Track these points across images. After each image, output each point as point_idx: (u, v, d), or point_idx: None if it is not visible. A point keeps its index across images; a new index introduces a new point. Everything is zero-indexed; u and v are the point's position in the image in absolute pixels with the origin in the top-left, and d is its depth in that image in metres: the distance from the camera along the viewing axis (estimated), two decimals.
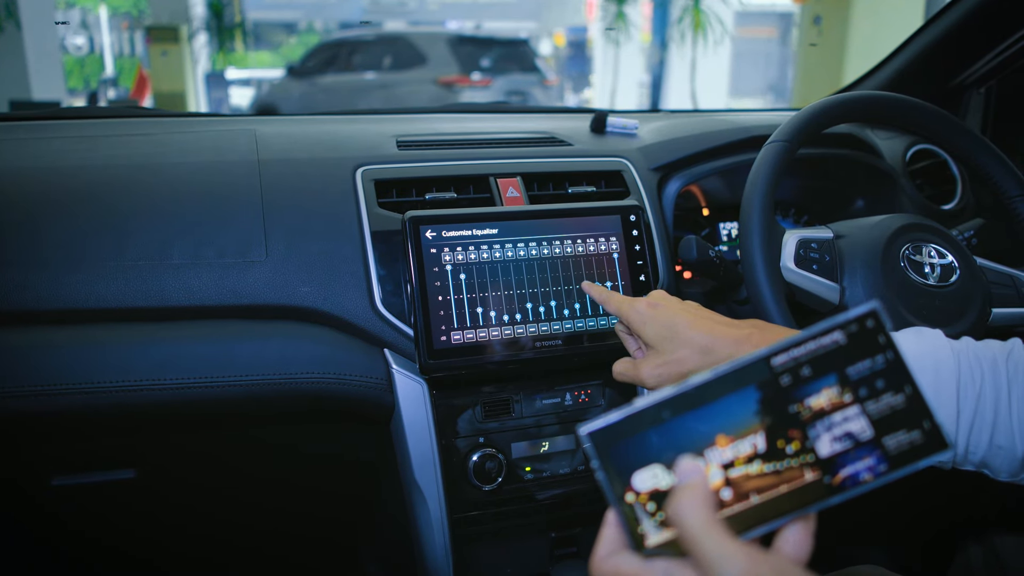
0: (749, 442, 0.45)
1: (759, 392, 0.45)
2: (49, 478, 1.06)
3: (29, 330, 0.91)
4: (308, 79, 9.04)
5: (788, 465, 0.45)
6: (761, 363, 0.46)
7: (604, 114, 1.30)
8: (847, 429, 0.45)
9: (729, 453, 0.45)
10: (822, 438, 0.45)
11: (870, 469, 0.45)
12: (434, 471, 1.00)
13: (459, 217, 0.98)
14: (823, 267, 0.95)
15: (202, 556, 1.38)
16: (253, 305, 0.97)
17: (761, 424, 0.45)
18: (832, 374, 0.46)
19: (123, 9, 16.64)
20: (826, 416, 0.45)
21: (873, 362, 0.46)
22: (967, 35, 1.36)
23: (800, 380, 0.46)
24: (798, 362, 0.46)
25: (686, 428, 0.45)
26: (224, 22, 11.32)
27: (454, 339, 0.94)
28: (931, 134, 1.07)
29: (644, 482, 0.45)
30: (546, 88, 9.12)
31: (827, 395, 0.46)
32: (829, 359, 0.46)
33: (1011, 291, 0.99)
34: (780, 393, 0.45)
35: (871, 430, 0.45)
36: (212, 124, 1.23)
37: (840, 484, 0.45)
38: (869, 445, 0.45)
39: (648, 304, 0.79)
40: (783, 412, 0.45)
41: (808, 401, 0.46)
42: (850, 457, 0.45)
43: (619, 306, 0.82)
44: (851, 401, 0.46)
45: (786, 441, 0.45)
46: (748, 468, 0.45)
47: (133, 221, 0.96)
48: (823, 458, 0.45)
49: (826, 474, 0.45)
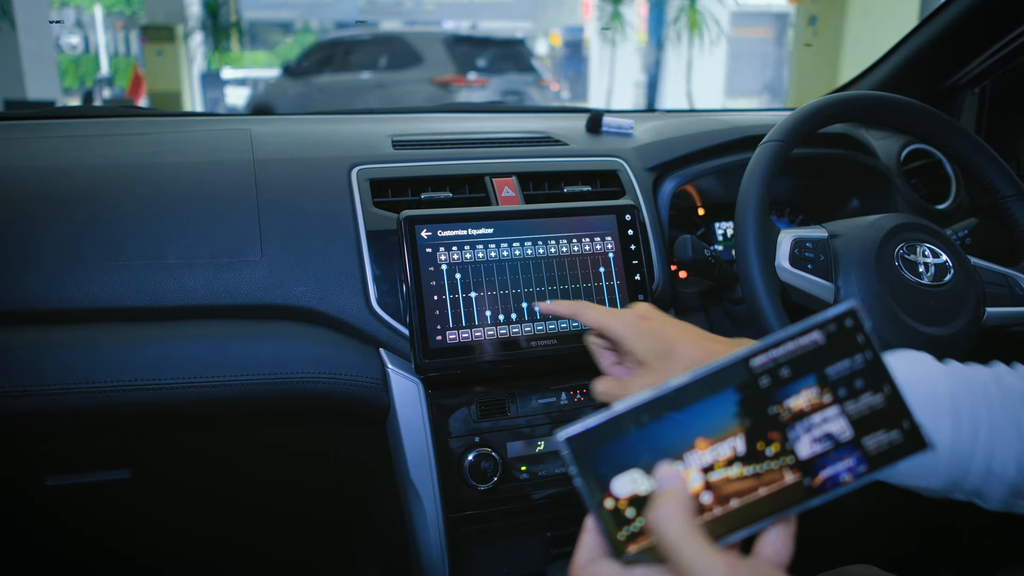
0: (729, 445, 0.44)
1: (738, 394, 0.45)
2: (43, 478, 1.06)
3: (23, 330, 0.90)
4: (304, 79, 9.03)
5: (768, 467, 0.44)
6: (740, 365, 0.45)
7: (600, 114, 1.31)
8: (827, 430, 0.45)
9: (709, 456, 0.44)
10: (802, 439, 0.45)
11: (850, 470, 0.45)
12: (430, 471, 1.00)
13: (454, 217, 0.98)
14: (818, 266, 0.95)
15: (198, 556, 1.38)
16: (248, 305, 0.97)
17: (741, 426, 0.45)
18: (811, 375, 0.45)
19: (118, 8, 16.61)
20: (806, 417, 0.45)
21: (852, 362, 0.45)
22: (961, 35, 1.36)
23: (779, 381, 0.45)
24: (777, 363, 0.45)
25: (665, 432, 0.44)
26: (220, 21, 11.32)
27: (449, 339, 0.94)
28: (925, 134, 1.07)
29: (623, 487, 0.44)
30: (542, 88, 9.12)
31: (806, 396, 0.45)
32: (808, 360, 0.45)
33: (1004, 290, 1.00)
34: (759, 395, 0.45)
35: (851, 431, 0.45)
36: (207, 124, 1.23)
37: (820, 486, 0.45)
38: (849, 446, 0.45)
39: (638, 316, 0.72)
40: (763, 414, 0.45)
41: (787, 402, 0.45)
42: (830, 458, 0.45)
43: (601, 318, 0.74)
44: (830, 402, 0.45)
45: (766, 443, 0.45)
46: (728, 471, 0.44)
47: (128, 221, 0.96)
48: (803, 460, 0.45)
49: (806, 476, 0.45)
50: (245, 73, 14.37)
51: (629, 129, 1.30)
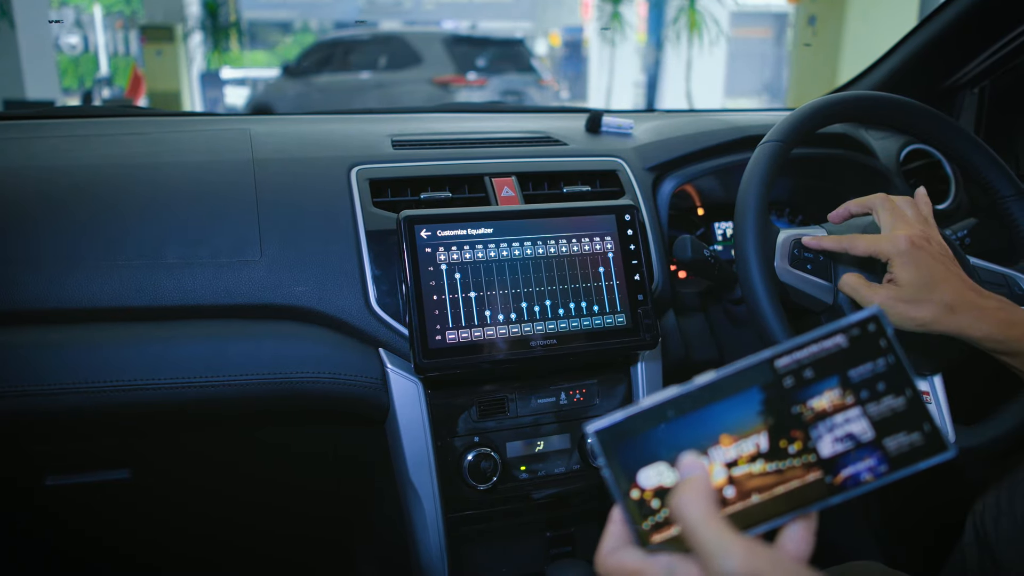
0: (752, 442, 0.46)
1: (763, 393, 0.46)
2: (42, 479, 1.06)
3: (22, 329, 0.90)
4: (304, 79, 9.03)
5: (790, 465, 0.46)
6: (765, 365, 0.47)
7: (599, 114, 1.31)
8: (848, 430, 0.46)
9: (732, 452, 0.46)
10: (824, 439, 0.46)
11: (871, 469, 0.46)
12: (429, 471, 1.00)
13: (454, 216, 0.98)
14: (817, 267, 0.95)
15: (197, 555, 1.38)
16: (247, 305, 0.97)
17: (764, 424, 0.46)
18: (834, 376, 0.47)
19: (118, 8, 16.61)
20: (828, 417, 0.46)
21: (875, 365, 0.47)
22: (961, 35, 1.36)
23: (803, 382, 0.46)
24: (801, 364, 0.47)
25: (691, 427, 0.46)
26: (219, 21, 11.31)
27: (449, 339, 0.94)
28: (924, 134, 1.07)
29: (649, 479, 0.45)
30: (542, 88, 9.12)
31: (829, 397, 0.46)
32: (831, 362, 0.47)
33: (1004, 290, 1.00)
34: (783, 394, 0.46)
35: (872, 431, 0.46)
36: (207, 123, 1.23)
37: (841, 484, 0.46)
38: (870, 446, 0.46)
39: (912, 243, 0.80)
40: (786, 413, 0.46)
41: (810, 402, 0.46)
42: (851, 458, 0.46)
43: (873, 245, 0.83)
44: (852, 403, 0.46)
45: (788, 441, 0.46)
46: (751, 467, 0.46)
47: (127, 221, 0.96)
48: (825, 458, 0.46)
49: (827, 474, 0.46)
50: (244, 73, 14.36)
51: (628, 129, 1.30)
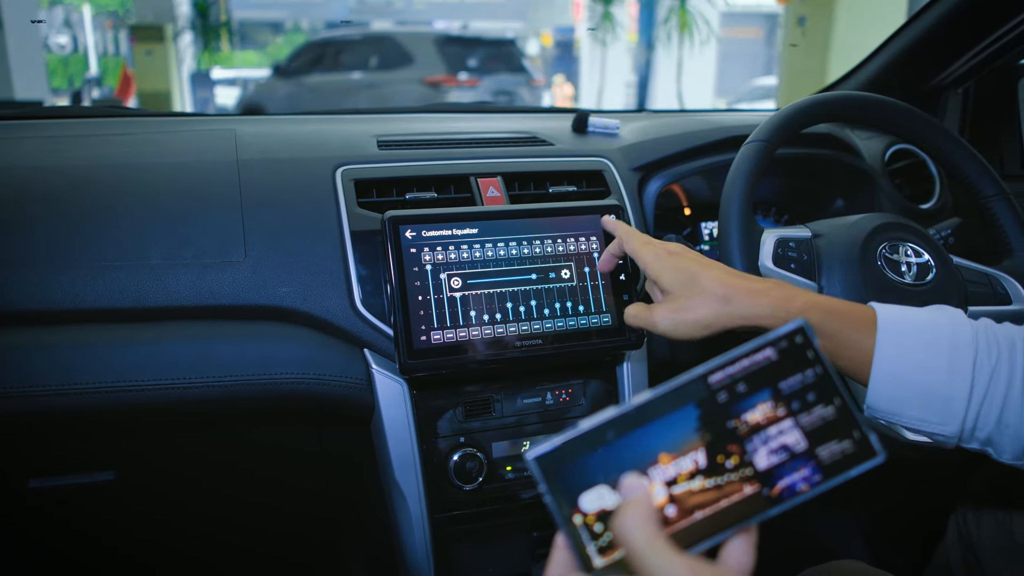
0: (690, 458, 0.46)
1: (698, 409, 0.47)
2: (26, 481, 1.05)
3: (5, 331, 0.90)
4: (294, 79, 9.01)
5: (728, 479, 0.46)
6: (699, 381, 0.47)
7: (586, 114, 1.31)
8: (782, 441, 0.47)
9: (672, 470, 0.46)
10: (759, 451, 0.47)
11: (806, 479, 0.46)
12: (414, 471, 1.00)
13: (439, 217, 0.98)
14: (801, 266, 0.95)
15: (187, 555, 1.38)
16: (232, 306, 0.96)
17: (701, 440, 0.46)
18: (766, 389, 0.47)
19: (107, 8, 16.52)
20: (762, 430, 0.47)
21: (804, 376, 0.47)
22: (945, 36, 1.37)
23: (736, 396, 0.47)
24: (733, 379, 0.47)
25: (630, 448, 0.46)
26: (209, 21, 11.27)
27: (434, 339, 0.94)
28: (909, 134, 1.08)
29: (591, 503, 0.45)
30: (533, 88, 9.13)
31: (762, 410, 0.47)
32: (762, 375, 0.47)
33: (987, 289, 1.00)
34: (718, 409, 0.47)
35: (805, 442, 0.47)
36: (193, 124, 1.23)
37: (778, 495, 0.46)
38: (804, 456, 0.47)
39: (667, 251, 0.81)
40: (722, 428, 0.47)
41: (745, 416, 0.47)
42: (786, 469, 0.46)
43: (638, 248, 0.84)
44: (785, 414, 0.47)
45: (726, 456, 0.46)
46: (690, 484, 0.46)
47: (112, 221, 0.96)
48: (761, 471, 0.46)
49: (764, 486, 0.46)
50: (235, 73, 14.33)
51: (615, 129, 1.30)
